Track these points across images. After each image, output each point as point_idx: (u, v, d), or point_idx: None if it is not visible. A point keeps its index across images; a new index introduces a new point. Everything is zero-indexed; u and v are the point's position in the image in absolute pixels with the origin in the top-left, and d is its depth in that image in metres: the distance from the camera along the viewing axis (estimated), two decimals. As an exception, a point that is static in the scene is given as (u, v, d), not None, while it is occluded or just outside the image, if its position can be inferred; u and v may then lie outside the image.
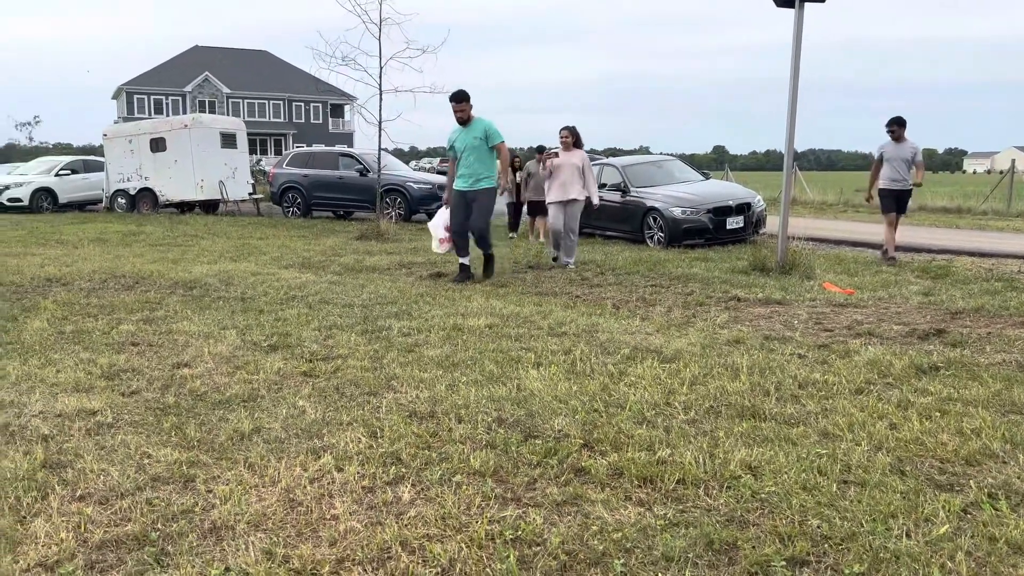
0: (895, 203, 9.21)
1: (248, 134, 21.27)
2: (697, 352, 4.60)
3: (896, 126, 9.06)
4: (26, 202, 19.66)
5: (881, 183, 9.19)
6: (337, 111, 64.50)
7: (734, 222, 11.09)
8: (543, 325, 5.45)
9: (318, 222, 16.45)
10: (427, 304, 6.34)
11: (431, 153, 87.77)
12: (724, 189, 12.53)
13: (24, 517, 2.44)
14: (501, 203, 11.42)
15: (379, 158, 14.72)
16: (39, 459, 2.87)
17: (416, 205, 17.06)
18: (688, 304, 6.33)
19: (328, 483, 2.71)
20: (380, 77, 13.07)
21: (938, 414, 3.44)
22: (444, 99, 8.15)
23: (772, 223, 11.93)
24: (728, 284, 7.26)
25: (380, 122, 13.37)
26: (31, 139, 61.84)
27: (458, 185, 7.76)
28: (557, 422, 3.32)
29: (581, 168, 8.96)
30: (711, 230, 10.87)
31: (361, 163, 17.29)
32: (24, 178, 20.64)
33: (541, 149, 12.68)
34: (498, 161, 8.01)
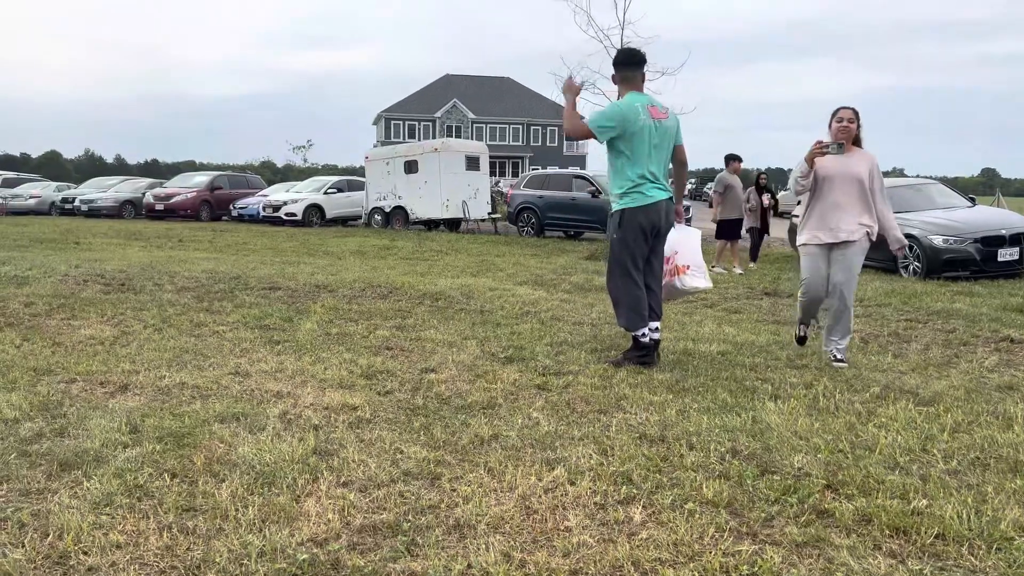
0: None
1: (489, 157, 22.48)
2: (960, 396, 4.16)
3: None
4: (299, 216, 22.21)
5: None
6: (571, 134, 66.11)
7: (1007, 254, 9.88)
8: (780, 356, 5.21)
9: (550, 241, 16.96)
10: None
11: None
12: (995, 216, 11.20)
13: (299, 496, 2.76)
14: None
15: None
16: (311, 446, 3.23)
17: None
18: (950, 343, 5.73)
19: (561, 495, 2.79)
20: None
21: None
22: (685, 121, 7.13)
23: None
24: (998, 323, 6.47)
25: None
26: (305, 160, 69.75)
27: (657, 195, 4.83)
28: (797, 459, 3.16)
29: (868, 183, 4.91)
30: (978, 261, 9.76)
31: (593, 184, 17.59)
32: (298, 195, 23.35)
33: (734, 157, 11.81)
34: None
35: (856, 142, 5.00)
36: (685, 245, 5.31)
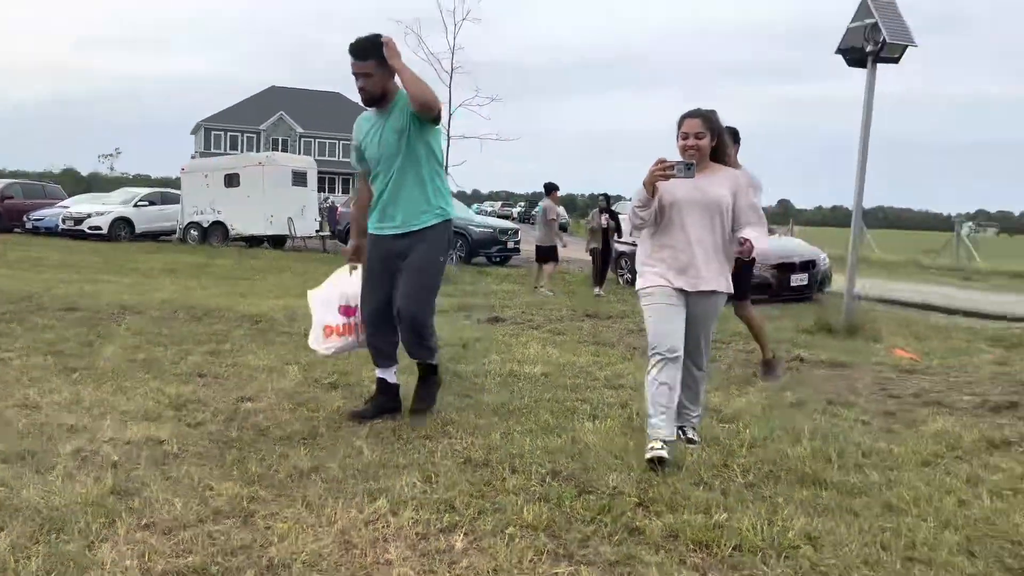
0: None
1: (318, 173, 21.95)
2: (758, 413, 4.52)
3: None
4: (105, 230, 20.54)
5: None
6: (403, 153, 65.94)
7: (798, 279, 10.93)
8: (600, 376, 5.43)
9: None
10: (483, 348, 6.38)
11: (493, 196, 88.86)
12: (788, 245, 12.37)
13: (92, 543, 2.52)
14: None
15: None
16: (108, 485, 2.97)
17: (476, 248, 17.28)
18: (749, 363, 6.23)
19: (383, 527, 2.74)
20: (449, 123, 13.40)
21: (1010, 493, 3.29)
22: (511, 145, 6.71)
23: (838, 281, 11.70)
24: (791, 343, 7.12)
25: (446, 166, 13.68)
26: (112, 169, 64.83)
27: (375, 226, 4.08)
28: (612, 478, 3.29)
29: (727, 212, 3.70)
30: (774, 286, 10.71)
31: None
32: (105, 207, 21.61)
33: (554, 187, 12.31)
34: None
35: (717, 156, 3.73)
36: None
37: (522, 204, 63.84)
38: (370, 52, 3.86)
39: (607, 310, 9.36)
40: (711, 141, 3.70)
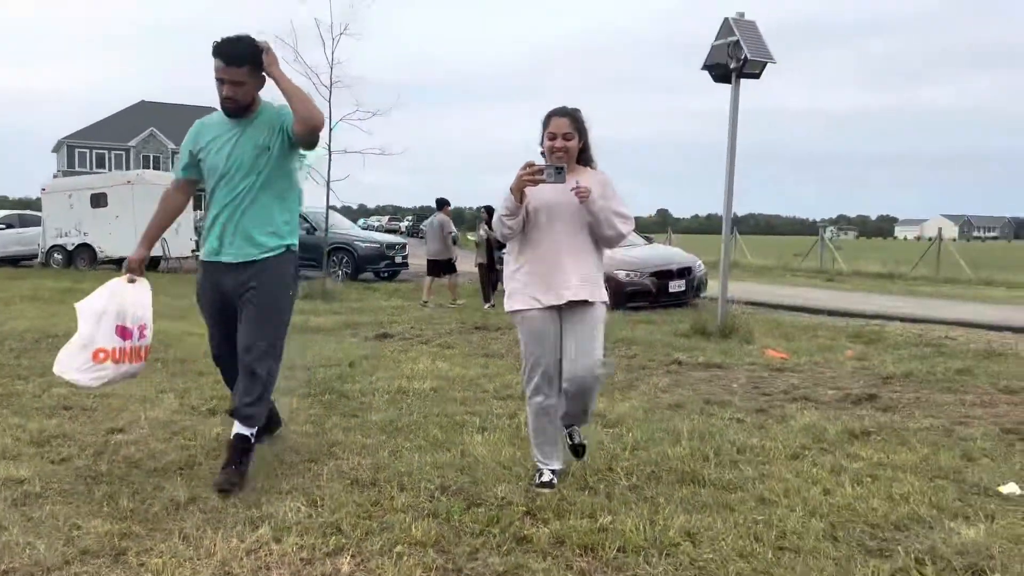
0: None
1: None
2: (640, 416, 4.67)
3: None
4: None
5: None
6: (285, 168, 64.29)
7: (676, 285, 11.36)
8: (489, 388, 5.47)
9: (263, 280, 16.25)
10: (372, 366, 6.31)
11: (379, 211, 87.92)
12: (666, 253, 12.87)
13: (-59, 596, 2.33)
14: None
15: (327, 217, 14.73)
16: (-40, 533, 2.74)
17: (363, 264, 17.06)
18: (631, 367, 6.42)
19: (265, 555, 2.66)
20: (329, 138, 13.18)
21: (869, 479, 3.54)
22: (395, 159, 6.22)
23: (713, 286, 12.25)
24: (670, 347, 7.39)
25: (328, 181, 13.44)
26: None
27: (209, 252, 3.54)
28: (501, 489, 3.32)
29: (596, 211, 3.40)
30: (654, 293, 11.10)
31: (308, 222, 17.25)
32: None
33: (446, 202, 12.50)
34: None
35: (583, 159, 3.51)
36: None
37: (409, 218, 63.45)
38: (245, 57, 3.32)
39: (496, 322, 9.43)
40: (579, 142, 3.46)
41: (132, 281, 3.53)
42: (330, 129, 13.14)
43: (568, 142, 3.43)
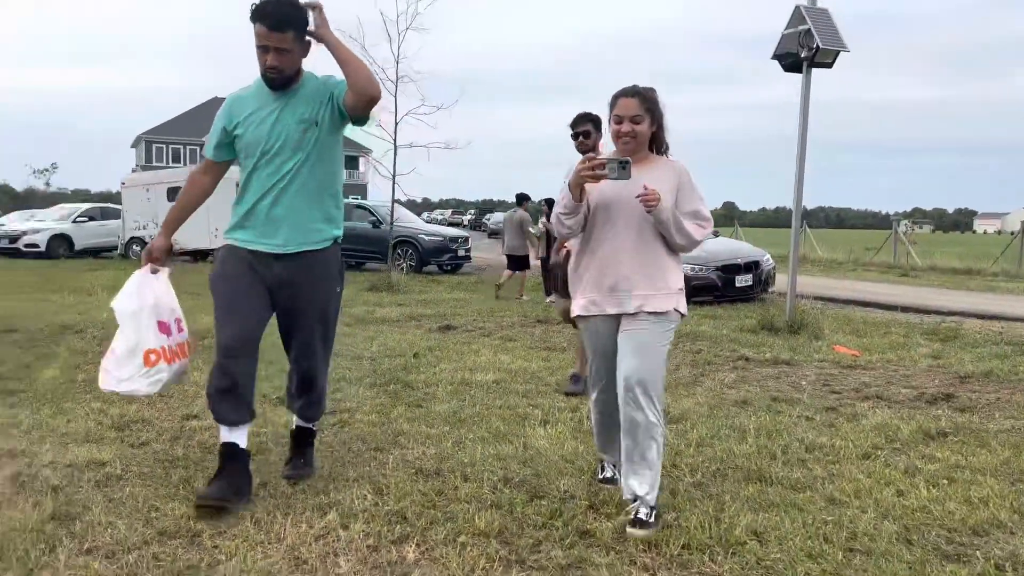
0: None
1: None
2: (704, 413, 4.60)
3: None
4: (42, 248, 19.95)
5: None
6: (352, 163, 65.50)
7: (743, 280, 11.15)
8: (551, 381, 5.47)
9: (330, 272, 16.57)
10: (436, 357, 6.38)
11: (442, 205, 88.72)
12: (733, 247, 12.62)
13: (31, 571, 2.45)
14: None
15: (392, 210, 14.94)
16: (48, 511, 2.88)
17: (427, 256, 17.25)
18: (696, 363, 6.33)
19: (333, 541, 2.72)
20: (395, 132, 13.35)
21: (946, 482, 3.42)
22: (458, 154, 5.86)
23: (781, 281, 11.97)
24: (736, 343, 7.27)
25: (394, 175, 13.62)
26: (48, 185, 62.97)
27: (245, 237, 3.16)
28: (563, 483, 3.32)
29: (664, 220, 2.95)
30: (720, 287, 10.91)
31: (374, 215, 17.53)
32: (42, 224, 20.99)
33: (526, 197, 12.51)
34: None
35: (657, 146, 3.08)
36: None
37: (472, 212, 63.79)
38: (291, 21, 2.94)
39: (558, 315, 9.42)
40: (650, 126, 3.01)
41: (155, 271, 3.20)
42: (396, 124, 13.32)
43: (636, 126, 2.98)
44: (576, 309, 3.14)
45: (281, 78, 3.03)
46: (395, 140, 13.44)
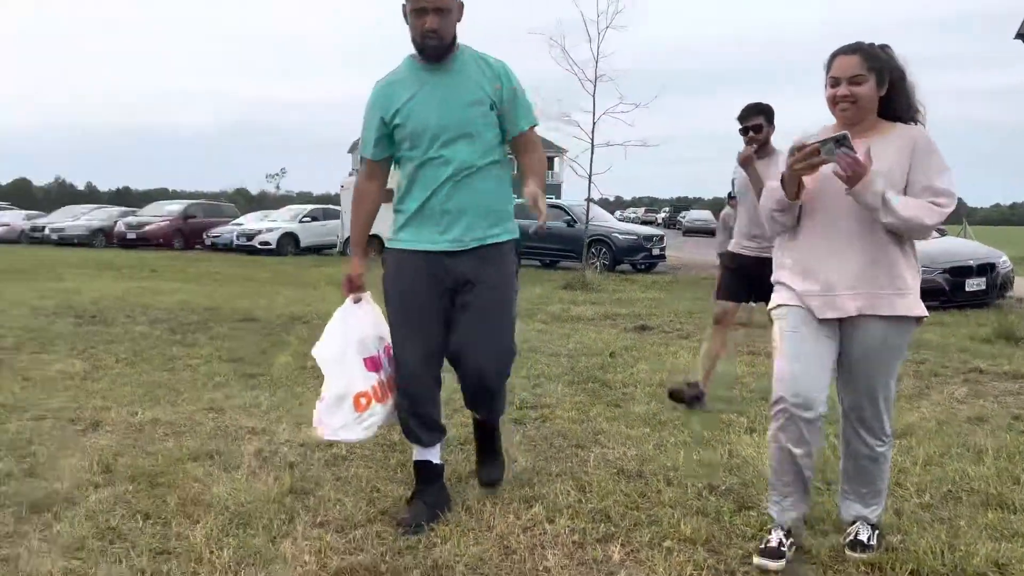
0: (739, 280, 4.77)
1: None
2: (932, 428, 4.22)
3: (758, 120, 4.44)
4: (274, 245, 22.10)
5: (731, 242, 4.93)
6: (548, 164, 66.68)
7: (974, 284, 10.09)
8: (754, 387, 5.26)
9: (526, 271, 17.01)
10: (632, 357, 6.34)
11: (635, 203, 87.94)
12: (962, 247, 11.45)
13: (275, 538, 2.73)
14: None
15: (587, 209, 15.03)
16: (287, 485, 3.19)
17: (621, 255, 17.19)
18: (920, 374, 5.82)
19: (540, 534, 2.79)
20: (592, 131, 13.43)
21: None
22: (652, 151, 5.79)
23: (1020, 285, 10.70)
24: (968, 353, 6.60)
25: (590, 174, 13.71)
26: (278, 188, 69.69)
27: (414, 238, 2.92)
28: (773, 493, 3.18)
29: (900, 183, 2.51)
30: (947, 291, 9.95)
31: (569, 214, 17.72)
32: (273, 224, 23.26)
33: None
34: (525, 165, 2.96)
35: (888, 111, 2.55)
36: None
37: (666, 209, 62.68)
38: None
39: (760, 319, 9.03)
40: (877, 88, 2.49)
41: (358, 300, 2.99)
42: (593, 124, 13.39)
43: (857, 87, 2.47)
44: (776, 298, 2.65)
45: (441, 45, 2.72)
46: (592, 139, 13.52)
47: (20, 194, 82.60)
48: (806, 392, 2.48)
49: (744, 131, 4.49)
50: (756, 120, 4.48)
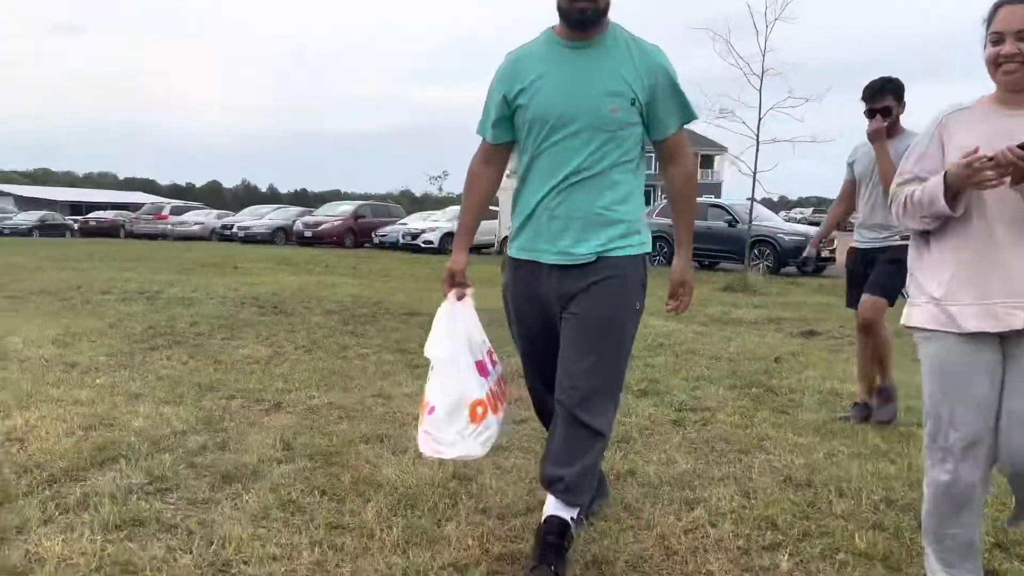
0: (862, 282, 4.29)
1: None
2: None
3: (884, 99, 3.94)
4: (436, 244, 22.95)
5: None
6: (707, 162, 64.95)
7: None
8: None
9: (684, 271, 16.64)
10: (799, 363, 6.05)
11: (802, 203, 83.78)
12: None
13: (439, 520, 2.83)
14: None
15: (751, 208, 14.51)
16: (450, 470, 3.30)
17: (786, 257, 16.47)
18: None
19: (703, 537, 2.72)
20: (758, 128, 12.95)
21: None
22: (822, 148, 5.33)
23: None
24: None
25: (755, 172, 13.22)
26: (440, 190, 72.34)
27: (523, 246, 2.55)
28: (960, 513, 2.93)
29: None
30: None
31: (730, 214, 17.19)
32: (435, 224, 24.16)
33: None
34: (673, 196, 2.66)
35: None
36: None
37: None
38: None
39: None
40: None
41: (461, 297, 2.64)
42: (759, 119, 12.91)
43: None
44: (916, 318, 2.17)
45: (595, 11, 2.30)
46: (757, 136, 13.03)
47: (212, 195, 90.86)
48: (966, 429, 2.07)
49: (871, 113, 3.98)
50: (884, 101, 3.93)
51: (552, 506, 2.43)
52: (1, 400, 4.18)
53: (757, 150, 13.09)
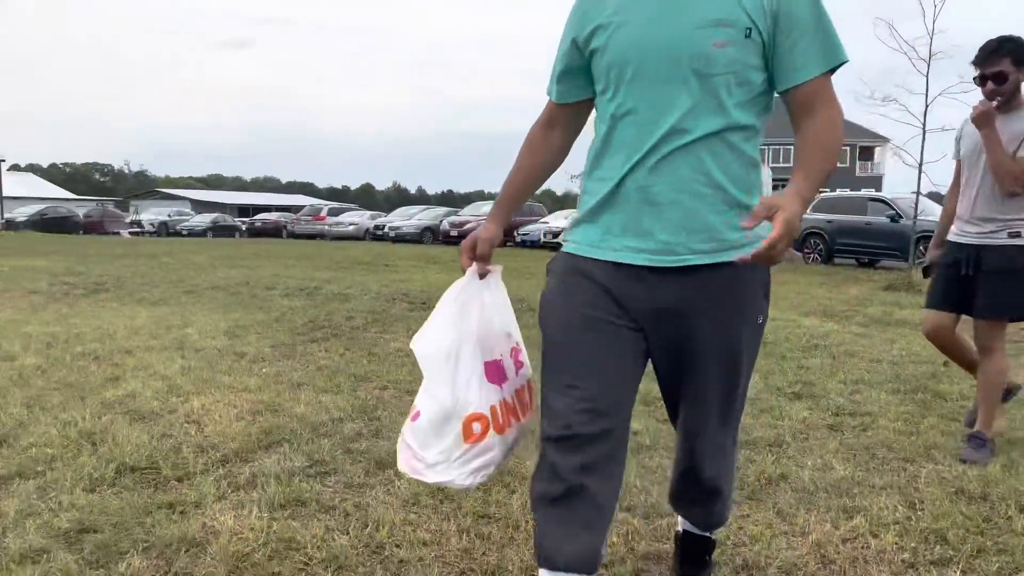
0: (953, 281, 3.63)
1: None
2: None
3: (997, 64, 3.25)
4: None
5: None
6: (866, 154, 61.21)
7: None
8: None
9: (840, 269, 15.80)
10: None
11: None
12: None
13: (583, 515, 2.82)
14: None
15: (916, 202, 13.57)
16: (594, 467, 3.29)
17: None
18: None
19: (862, 547, 2.56)
20: (924, 116, 12.08)
21: None
22: None
23: None
24: None
25: (920, 163, 12.35)
26: (580, 188, 72.51)
27: (597, 241, 1.81)
28: None
29: None
30: None
31: (893, 208, 16.14)
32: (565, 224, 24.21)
33: None
34: (803, 143, 1.69)
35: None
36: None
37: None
38: None
39: None
40: None
41: (483, 275, 2.04)
42: (925, 106, 12.03)
43: None
44: None
45: None
46: (924, 124, 12.15)
47: (365, 197, 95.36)
48: None
49: (982, 79, 3.31)
50: (998, 65, 3.23)
51: (686, 527, 2.27)
52: (181, 386, 4.57)
53: (923, 140, 12.19)
